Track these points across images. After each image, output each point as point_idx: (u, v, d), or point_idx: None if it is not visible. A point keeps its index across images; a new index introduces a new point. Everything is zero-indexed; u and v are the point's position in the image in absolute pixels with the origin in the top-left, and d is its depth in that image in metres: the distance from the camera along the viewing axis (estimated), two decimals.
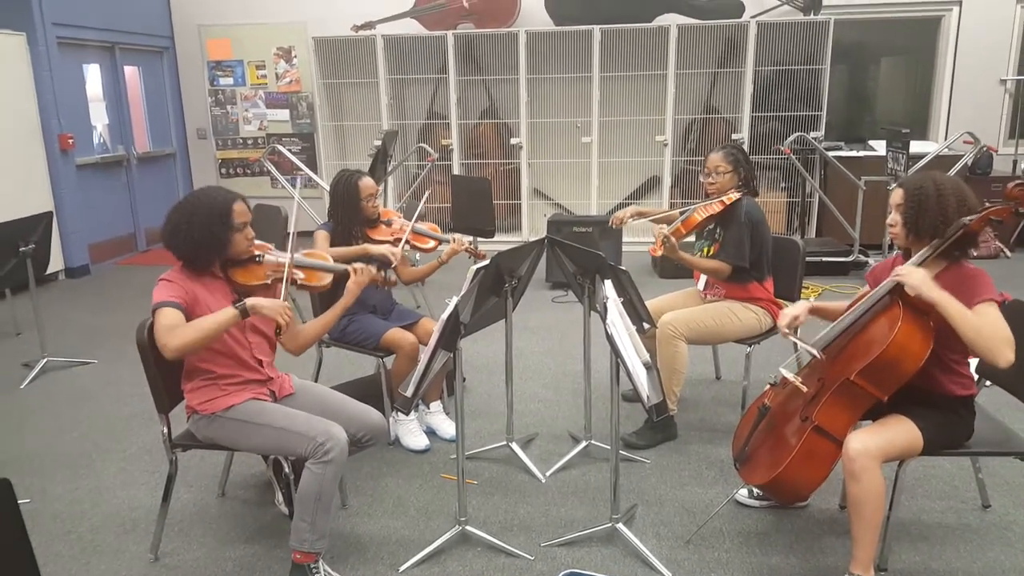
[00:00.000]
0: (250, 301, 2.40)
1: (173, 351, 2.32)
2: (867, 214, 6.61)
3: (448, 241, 3.54)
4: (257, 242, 2.62)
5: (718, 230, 3.55)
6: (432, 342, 2.44)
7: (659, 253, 3.33)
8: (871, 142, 7.67)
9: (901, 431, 2.34)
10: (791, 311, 2.62)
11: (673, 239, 3.33)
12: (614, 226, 3.74)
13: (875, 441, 2.29)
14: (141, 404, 4.06)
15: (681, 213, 3.62)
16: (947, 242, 2.33)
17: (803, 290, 4.68)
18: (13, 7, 6.54)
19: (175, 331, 2.33)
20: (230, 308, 2.38)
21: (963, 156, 6.37)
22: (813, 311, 2.69)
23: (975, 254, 2.42)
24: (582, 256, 3.00)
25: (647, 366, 2.32)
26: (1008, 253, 6.95)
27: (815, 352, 2.48)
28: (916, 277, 2.26)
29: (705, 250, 3.61)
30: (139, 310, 5.42)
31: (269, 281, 2.61)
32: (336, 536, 2.79)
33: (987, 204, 2.35)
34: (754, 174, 3.57)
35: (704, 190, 3.58)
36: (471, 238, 5.38)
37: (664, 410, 2.31)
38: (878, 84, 8.26)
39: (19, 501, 1.72)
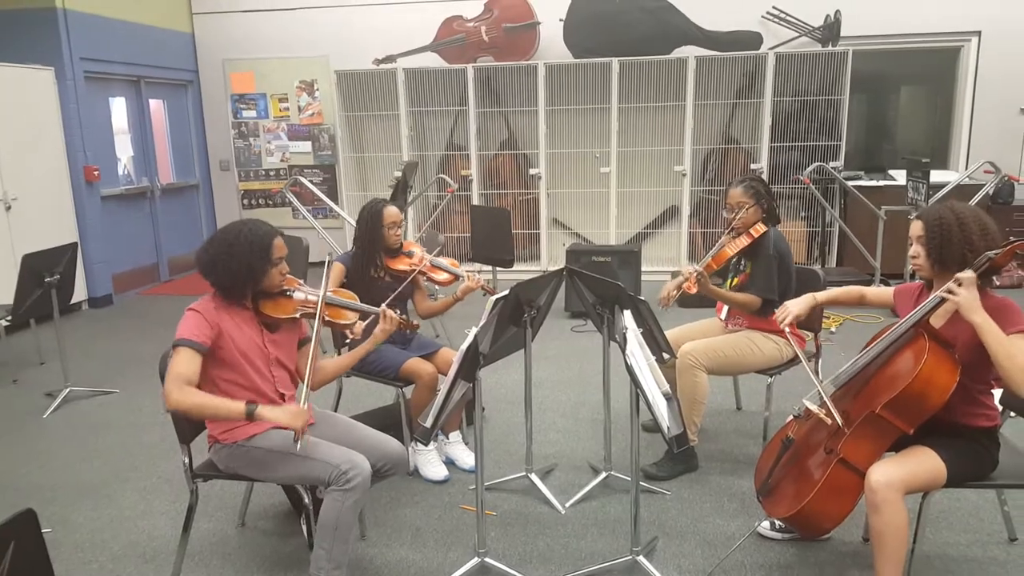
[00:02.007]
0: (260, 410, 2.35)
1: (174, 406, 2.34)
2: (887, 243, 6.58)
3: (463, 277, 3.55)
4: (288, 276, 2.65)
5: (742, 262, 3.54)
6: (451, 372, 2.45)
7: (694, 290, 3.32)
8: (891, 171, 7.65)
9: (924, 462, 2.31)
10: (793, 307, 2.65)
11: (706, 275, 3.34)
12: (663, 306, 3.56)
13: (898, 473, 2.26)
14: (162, 433, 4.08)
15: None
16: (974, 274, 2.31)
17: (824, 320, 4.64)
18: (42, 43, 6.71)
19: (185, 389, 2.33)
20: (241, 407, 2.34)
21: (984, 185, 6.34)
22: (820, 304, 2.71)
23: (997, 283, 2.41)
24: (601, 286, 3.00)
25: (667, 396, 2.31)
26: None
27: (823, 394, 2.45)
28: (964, 295, 2.22)
29: (729, 281, 3.60)
30: (162, 340, 5.45)
31: (297, 315, 2.63)
32: (355, 567, 2.78)
33: (1012, 238, 2.33)
34: (775, 203, 3.57)
35: (727, 224, 3.56)
36: (488, 276, 5.40)
37: (684, 441, 2.30)
38: (898, 114, 8.25)
39: (43, 531, 1.73)
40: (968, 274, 2.24)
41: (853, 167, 7.80)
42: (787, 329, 2.70)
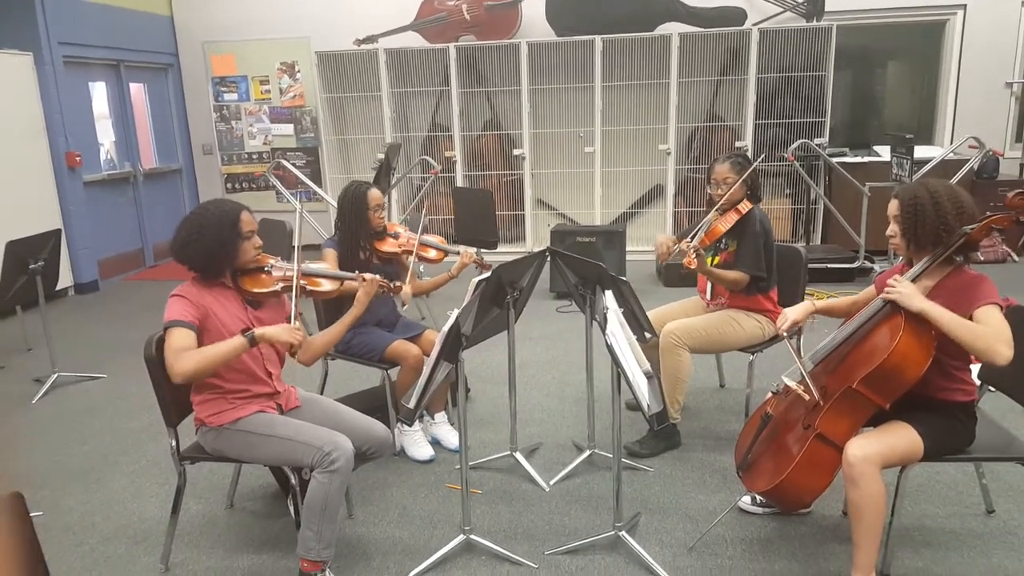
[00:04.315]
0: (258, 330, 2.45)
1: (180, 376, 2.37)
2: (872, 220, 6.59)
3: (456, 253, 3.60)
4: (263, 254, 2.67)
5: (724, 240, 3.56)
6: (434, 354, 2.47)
7: (694, 266, 3.30)
8: (876, 148, 7.68)
9: (901, 437, 2.35)
10: (791, 314, 2.65)
11: (703, 252, 3.34)
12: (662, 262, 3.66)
13: (875, 447, 2.31)
14: (150, 417, 4.10)
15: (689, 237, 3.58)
16: (948, 250, 2.36)
17: (807, 297, 4.66)
18: (20, 27, 6.63)
19: (183, 356, 2.37)
20: (239, 337, 2.43)
21: (969, 160, 6.38)
22: (818, 312, 2.72)
23: (982, 258, 2.46)
24: (583, 267, 3.02)
25: (648, 375, 2.34)
26: (1016, 257, 6.93)
27: (804, 373, 2.49)
28: (901, 291, 2.32)
29: (710, 260, 3.61)
30: (148, 325, 5.47)
31: (278, 288, 2.65)
32: (343, 545, 2.82)
33: (988, 213, 2.37)
34: (759, 181, 3.58)
35: (709, 200, 3.57)
36: (476, 250, 5.41)
37: (665, 419, 2.33)
38: (885, 89, 8.25)
39: (32, 514, 1.74)
40: (894, 284, 2.35)
41: (839, 143, 7.82)
42: (785, 334, 2.70)
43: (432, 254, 3.69)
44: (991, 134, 7.15)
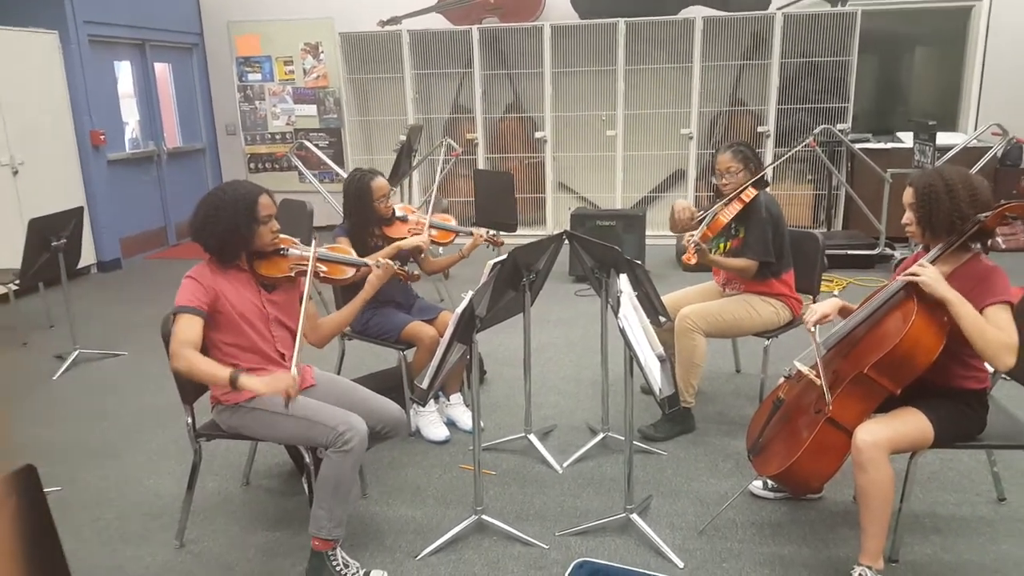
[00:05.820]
0: (244, 379, 2.32)
1: (174, 370, 2.43)
2: (893, 207, 6.52)
3: (468, 233, 3.61)
4: (281, 236, 2.68)
5: (733, 227, 3.55)
6: (447, 336, 2.49)
7: (694, 261, 3.34)
8: (899, 134, 7.57)
9: (911, 423, 2.35)
10: (821, 308, 2.60)
11: (704, 245, 3.36)
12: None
13: (884, 432, 2.30)
14: (168, 395, 4.12)
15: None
16: (962, 238, 2.34)
17: (825, 284, 4.64)
18: (45, 6, 6.69)
19: (183, 352, 2.38)
20: (226, 374, 2.33)
21: (992, 147, 6.28)
22: (843, 311, 2.66)
23: (1004, 246, 2.44)
24: (599, 250, 3.02)
25: (661, 359, 2.35)
26: None
27: (817, 358, 2.48)
28: (928, 275, 2.28)
29: (721, 247, 3.61)
30: (169, 303, 5.52)
31: (292, 274, 2.67)
32: (356, 524, 2.86)
33: (1003, 201, 2.35)
34: (763, 167, 3.57)
35: (715, 190, 3.58)
36: (488, 231, 5.42)
37: (676, 402, 2.34)
38: (911, 75, 8.11)
39: (51, 489, 1.78)
40: (918, 267, 2.31)
41: (862, 129, 7.72)
42: (812, 329, 2.63)
43: (445, 237, 3.71)
44: (1017, 121, 7.00)
